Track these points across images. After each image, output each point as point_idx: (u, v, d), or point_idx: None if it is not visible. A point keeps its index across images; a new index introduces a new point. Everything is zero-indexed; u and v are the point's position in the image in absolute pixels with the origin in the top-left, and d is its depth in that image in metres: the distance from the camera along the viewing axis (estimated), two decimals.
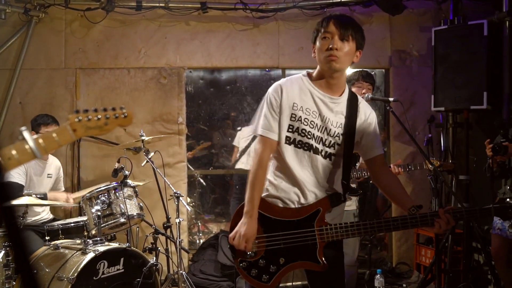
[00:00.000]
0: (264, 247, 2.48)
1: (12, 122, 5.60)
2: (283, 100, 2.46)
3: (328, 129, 2.48)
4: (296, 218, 2.48)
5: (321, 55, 2.44)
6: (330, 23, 2.42)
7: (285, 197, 2.51)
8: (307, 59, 5.87)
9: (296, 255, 2.46)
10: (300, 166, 2.49)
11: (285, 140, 2.47)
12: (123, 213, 3.85)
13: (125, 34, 5.68)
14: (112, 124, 1.65)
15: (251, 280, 2.52)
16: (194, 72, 6.26)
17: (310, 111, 2.47)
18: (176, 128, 5.61)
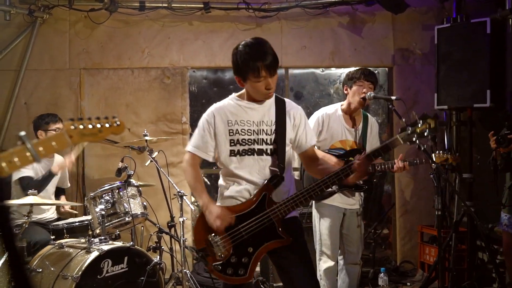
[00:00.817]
0: (230, 244, 2.70)
1: (17, 122, 5.64)
2: (216, 122, 2.78)
3: (264, 130, 2.78)
4: (249, 208, 2.73)
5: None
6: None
7: (239, 196, 2.78)
8: (310, 58, 5.90)
9: (261, 240, 2.71)
10: (247, 170, 2.77)
11: (229, 153, 2.77)
12: (127, 212, 3.87)
13: (129, 34, 5.70)
14: (106, 132, 1.75)
15: (229, 279, 2.71)
16: (197, 72, 6.29)
17: (244, 121, 2.77)
18: (180, 127, 5.63)
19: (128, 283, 3.59)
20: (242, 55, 2.70)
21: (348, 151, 4.08)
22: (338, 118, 4.11)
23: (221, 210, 2.68)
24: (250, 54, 2.68)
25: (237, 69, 2.75)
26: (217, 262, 2.68)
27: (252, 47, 2.71)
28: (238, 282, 2.71)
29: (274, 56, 2.72)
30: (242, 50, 2.71)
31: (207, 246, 2.70)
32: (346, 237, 4.19)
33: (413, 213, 5.85)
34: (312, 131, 3.05)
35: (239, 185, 2.79)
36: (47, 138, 1.60)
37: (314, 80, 6.54)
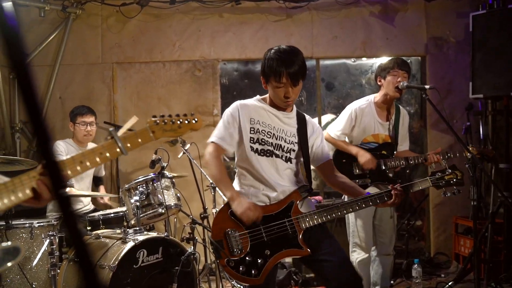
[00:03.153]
0: (248, 242, 2.67)
1: (52, 116, 5.76)
2: (241, 116, 2.81)
3: (283, 138, 2.84)
4: (274, 212, 2.74)
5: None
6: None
7: (257, 200, 2.77)
8: (341, 48, 5.84)
9: (280, 245, 2.70)
10: (266, 170, 2.80)
11: (250, 149, 2.80)
12: (161, 204, 3.92)
13: (160, 28, 5.75)
14: (185, 128, 1.88)
15: (241, 277, 2.67)
16: (228, 64, 6.30)
17: (266, 124, 2.83)
18: (211, 120, 5.67)
19: (163, 273, 3.63)
20: (270, 57, 2.75)
21: (381, 145, 4.05)
22: (371, 112, 4.07)
23: (249, 204, 2.66)
24: (277, 59, 2.72)
25: (263, 70, 2.81)
26: (231, 258, 2.64)
27: (283, 53, 2.74)
28: (249, 283, 2.69)
29: (300, 67, 2.73)
30: (272, 53, 2.76)
31: (224, 239, 2.66)
32: (378, 228, 4.18)
33: (447, 204, 5.75)
34: (327, 146, 3.11)
35: (257, 190, 2.81)
36: (134, 134, 1.72)
37: (345, 70, 6.48)
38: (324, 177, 3.08)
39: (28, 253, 3.79)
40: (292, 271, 4.88)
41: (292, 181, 2.87)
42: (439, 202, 5.79)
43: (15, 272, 3.74)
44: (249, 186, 2.83)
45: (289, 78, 2.69)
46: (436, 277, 5.21)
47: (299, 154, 2.88)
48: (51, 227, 3.87)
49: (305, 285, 4.91)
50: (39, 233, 3.84)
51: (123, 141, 1.67)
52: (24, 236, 3.82)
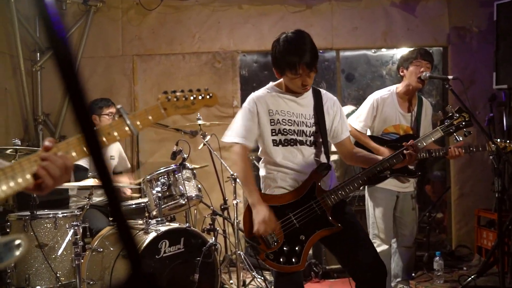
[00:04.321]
0: (282, 233, 2.68)
1: None
2: (259, 110, 2.76)
3: (304, 123, 2.79)
4: (299, 197, 2.75)
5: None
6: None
7: (286, 185, 2.79)
8: (361, 39, 5.79)
9: (313, 228, 2.72)
10: (291, 160, 2.78)
11: (272, 143, 2.77)
12: (183, 195, 3.94)
13: (180, 20, 5.76)
14: (199, 104, 1.74)
15: (284, 268, 2.70)
16: (247, 55, 6.29)
17: (285, 111, 2.78)
18: (231, 111, 5.67)
19: (185, 263, 3.66)
20: (280, 50, 2.69)
21: (402, 136, 4.01)
22: (392, 102, 4.03)
23: (268, 215, 2.63)
24: (288, 50, 2.66)
25: (275, 62, 2.76)
26: (269, 251, 2.67)
27: (292, 42, 2.67)
28: (292, 271, 2.71)
29: (313, 53, 2.67)
30: (281, 44, 2.69)
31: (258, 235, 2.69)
32: (399, 220, 4.15)
33: (469, 196, 5.69)
34: (347, 122, 3.08)
35: (285, 175, 2.80)
36: (144, 111, 1.59)
37: (365, 61, 6.41)
38: (342, 155, 3.06)
39: (52, 243, 3.85)
40: (313, 263, 4.89)
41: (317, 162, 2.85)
42: (461, 194, 5.73)
43: (40, 261, 3.80)
44: (277, 171, 2.82)
45: (305, 67, 2.64)
46: (458, 270, 5.16)
47: (319, 133, 2.84)
48: (74, 217, 3.92)
49: (326, 276, 4.92)
50: (63, 224, 3.89)
51: (132, 120, 1.53)
52: (49, 226, 3.87)
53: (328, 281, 4.88)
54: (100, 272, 3.69)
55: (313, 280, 4.85)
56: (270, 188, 2.85)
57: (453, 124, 3.17)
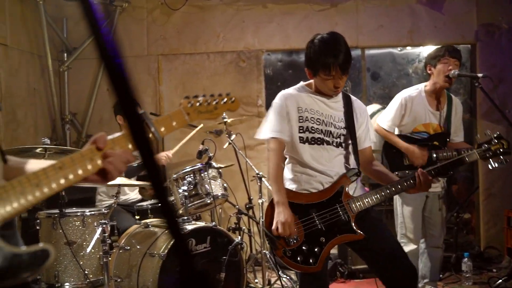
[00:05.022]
0: (302, 232, 2.66)
1: (100, 108, 5.90)
2: (288, 106, 2.77)
3: (332, 124, 2.79)
4: (325, 198, 2.72)
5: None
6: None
7: (310, 187, 2.77)
8: (386, 37, 5.73)
9: (334, 231, 2.69)
10: (318, 159, 2.76)
11: (299, 140, 2.75)
12: (208, 194, 3.95)
13: (204, 19, 5.78)
14: (221, 109, 1.75)
15: (300, 267, 2.67)
16: (272, 54, 6.29)
17: (314, 110, 2.78)
18: (255, 110, 5.67)
19: (211, 262, 3.66)
20: (315, 50, 2.69)
21: (432, 135, 3.96)
22: (421, 101, 3.98)
23: (290, 219, 2.61)
24: (323, 51, 2.66)
25: (309, 63, 2.76)
26: (288, 248, 2.65)
27: (327, 43, 2.68)
28: (307, 271, 2.68)
29: (347, 56, 2.68)
30: (317, 45, 2.70)
31: None
32: (428, 220, 4.10)
33: (498, 196, 5.59)
34: (373, 131, 3.04)
35: (310, 177, 2.78)
36: (168, 117, 1.59)
37: (391, 60, 6.35)
38: (360, 163, 2.98)
39: (80, 240, 3.90)
40: (338, 263, 4.86)
41: (344, 166, 2.83)
42: (490, 195, 5.62)
43: (69, 258, 3.86)
44: (301, 173, 2.80)
45: (339, 69, 2.64)
46: (487, 272, 5.07)
47: (348, 137, 2.83)
48: (102, 215, 3.96)
49: (351, 276, 4.88)
50: (91, 222, 3.94)
51: (156, 126, 1.53)
52: (77, 224, 3.93)
53: (354, 281, 4.84)
54: (127, 270, 3.72)
55: (338, 280, 4.82)
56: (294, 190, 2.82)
57: (491, 150, 3.08)
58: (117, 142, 1.46)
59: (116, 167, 1.42)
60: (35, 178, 1.26)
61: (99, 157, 1.40)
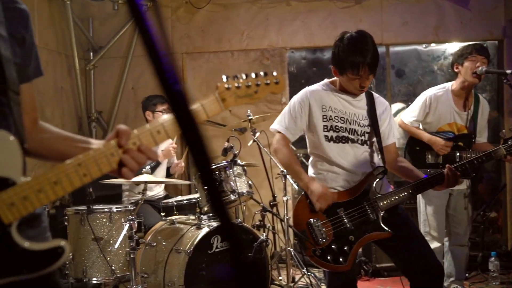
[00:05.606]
0: (331, 230, 2.67)
1: (126, 106, 5.98)
2: (312, 105, 2.77)
3: (357, 122, 2.78)
4: (352, 197, 2.73)
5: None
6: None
7: (336, 185, 2.78)
8: (411, 34, 5.68)
9: (363, 230, 2.69)
10: (343, 157, 2.76)
11: (324, 139, 2.76)
12: (234, 191, 3.97)
13: (228, 17, 5.80)
14: (263, 92, 1.54)
15: (329, 266, 2.68)
16: (296, 52, 6.27)
17: (338, 109, 2.78)
18: (279, 108, 5.66)
19: None
20: (344, 49, 2.67)
21: (457, 136, 3.92)
22: (447, 100, 3.95)
23: (323, 189, 2.65)
24: (352, 50, 2.65)
25: (336, 61, 2.74)
26: (317, 247, 2.66)
27: (356, 42, 2.67)
28: (337, 270, 2.69)
29: (375, 55, 2.67)
30: (345, 43, 2.68)
31: (307, 230, 2.68)
32: (452, 218, 4.08)
33: None
34: (396, 128, 3.08)
35: (336, 175, 2.78)
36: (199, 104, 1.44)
37: (416, 57, 6.27)
38: (386, 160, 2.98)
39: (107, 236, 3.96)
40: (362, 261, 4.84)
41: (370, 164, 2.83)
42: None
43: (96, 254, 3.93)
44: (327, 171, 2.80)
45: (367, 68, 2.64)
46: None
47: (372, 136, 2.83)
48: (128, 212, 4.02)
49: (376, 275, 4.86)
50: (118, 218, 4.00)
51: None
52: (104, 220, 3.99)
53: (378, 279, 4.82)
54: (153, 266, 3.77)
55: (362, 278, 4.80)
56: None
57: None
58: (143, 138, 1.38)
59: (131, 167, 1.36)
60: (53, 176, 1.26)
61: (120, 153, 1.34)
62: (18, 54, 1.36)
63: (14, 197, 1.21)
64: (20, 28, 1.38)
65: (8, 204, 1.20)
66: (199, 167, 0.73)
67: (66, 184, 1.27)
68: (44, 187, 1.24)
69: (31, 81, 1.46)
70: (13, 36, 1.35)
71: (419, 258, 2.67)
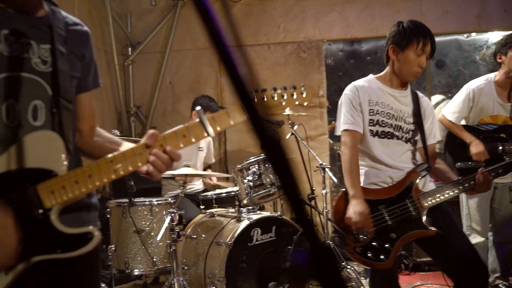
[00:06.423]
0: (372, 228, 2.61)
1: (164, 100, 6.05)
2: (360, 98, 2.73)
3: (402, 119, 2.75)
4: (394, 194, 2.67)
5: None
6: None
7: (379, 181, 2.72)
8: (452, 23, 5.54)
9: (405, 227, 2.63)
10: (387, 153, 2.72)
11: (369, 133, 2.72)
12: (273, 184, 3.98)
13: (264, 10, 5.79)
14: (289, 103, 1.67)
15: (370, 263, 2.63)
16: (333, 44, 6.22)
17: (385, 104, 2.74)
18: (317, 101, 5.64)
19: (276, 252, 3.69)
20: (409, 26, 2.67)
21: (500, 127, 3.81)
22: (490, 92, 3.84)
23: (367, 212, 2.59)
24: (421, 28, 2.66)
25: (400, 36, 2.68)
26: (358, 244, 2.62)
27: (423, 27, 2.69)
28: (378, 268, 2.64)
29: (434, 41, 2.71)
30: (413, 23, 2.69)
31: (348, 226, 2.64)
32: (497, 212, 3.98)
33: None
34: (438, 128, 2.99)
35: (378, 171, 2.74)
36: (225, 113, 1.53)
37: (457, 47, 6.13)
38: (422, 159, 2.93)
39: (148, 229, 4.02)
40: (402, 255, 4.77)
41: (412, 162, 2.78)
42: None
43: (138, 246, 3.99)
44: (370, 167, 2.77)
45: (430, 48, 2.65)
46: None
47: (416, 133, 2.79)
48: (169, 205, 4.07)
49: (416, 269, 4.79)
50: (159, 211, 4.05)
51: (211, 122, 1.50)
52: (145, 213, 4.05)
53: (419, 274, 4.74)
54: (194, 258, 3.81)
55: (403, 273, 4.73)
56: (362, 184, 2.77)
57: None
58: (169, 139, 1.50)
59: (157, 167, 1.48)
60: (88, 170, 1.43)
61: (147, 153, 1.48)
62: (78, 69, 1.59)
63: (54, 186, 1.40)
64: (81, 47, 1.61)
65: (49, 191, 1.39)
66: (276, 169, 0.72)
67: (98, 178, 1.44)
68: (80, 179, 1.42)
69: (89, 91, 1.68)
70: (73, 53, 1.57)
71: (462, 259, 2.59)
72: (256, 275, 3.63)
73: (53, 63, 1.49)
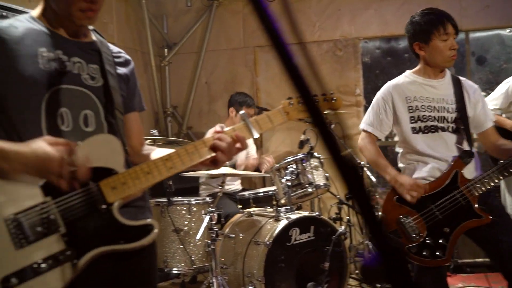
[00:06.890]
0: (424, 225, 2.56)
1: (199, 100, 6.09)
2: (395, 99, 2.72)
3: (445, 108, 2.68)
4: (440, 186, 2.60)
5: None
6: None
7: (428, 176, 2.65)
8: (493, 18, 5.39)
9: (458, 219, 2.56)
10: (433, 148, 2.66)
11: (411, 131, 2.69)
12: (311, 183, 3.95)
13: (300, 9, 5.75)
14: (322, 108, 1.79)
15: (427, 261, 2.57)
16: (369, 42, 6.12)
17: (424, 97, 2.70)
18: (353, 99, 5.58)
19: (315, 252, 3.66)
20: (421, 18, 2.68)
21: None
22: None
23: (412, 181, 2.59)
24: (434, 15, 2.66)
25: (418, 32, 2.69)
26: (411, 244, 2.57)
27: (433, 11, 2.69)
28: (436, 265, 2.58)
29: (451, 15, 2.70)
30: (423, 13, 2.69)
31: (399, 228, 2.60)
32: None
33: None
34: (490, 110, 2.91)
35: (427, 164, 2.67)
36: (266, 117, 1.71)
37: (499, 42, 5.94)
38: (486, 146, 2.89)
39: (187, 228, 4.06)
40: None
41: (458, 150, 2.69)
42: None
43: (176, 245, 4.03)
44: (417, 161, 2.71)
45: (450, 25, 2.64)
46: None
47: (461, 120, 2.71)
48: (206, 204, 4.10)
49: (458, 271, 4.68)
50: (197, 210, 4.09)
51: (254, 124, 1.67)
52: (183, 212, 4.09)
53: (460, 276, 4.64)
54: (232, 258, 3.82)
55: None
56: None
57: None
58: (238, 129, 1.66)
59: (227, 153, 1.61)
60: (146, 167, 1.56)
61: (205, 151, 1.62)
62: (123, 89, 1.76)
63: (116, 182, 1.53)
64: (125, 70, 1.79)
65: (111, 187, 1.51)
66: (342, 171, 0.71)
67: (156, 174, 1.57)
68: (139, 176, 1.55)
69: (136, 111, 1.85)
70: (119, 75, 1.75)
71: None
72: (295, 275, 3.61)
73: (103, 79, 1.68)
